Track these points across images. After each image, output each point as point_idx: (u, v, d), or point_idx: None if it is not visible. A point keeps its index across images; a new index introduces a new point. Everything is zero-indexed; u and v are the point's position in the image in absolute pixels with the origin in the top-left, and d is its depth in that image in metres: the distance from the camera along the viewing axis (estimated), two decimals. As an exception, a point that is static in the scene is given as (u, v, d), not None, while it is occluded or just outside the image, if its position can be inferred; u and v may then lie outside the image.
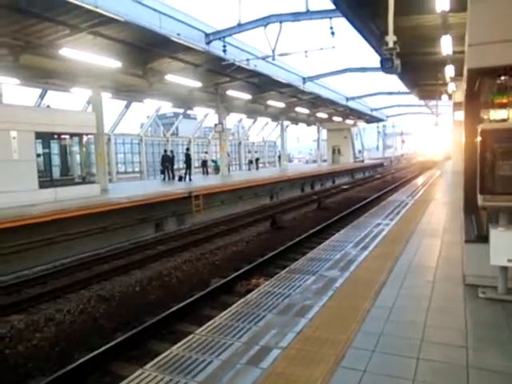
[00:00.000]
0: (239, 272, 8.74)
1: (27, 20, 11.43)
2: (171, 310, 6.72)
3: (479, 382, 2.67)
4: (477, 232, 4.65)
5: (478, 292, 4.17)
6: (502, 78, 4.11)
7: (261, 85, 21.53)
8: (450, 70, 16.12)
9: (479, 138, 3.89)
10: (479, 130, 3.85)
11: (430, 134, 49.02)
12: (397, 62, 6.23)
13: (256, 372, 2.85)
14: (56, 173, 14.70)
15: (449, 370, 2.81)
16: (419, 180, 20.69)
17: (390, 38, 6.37)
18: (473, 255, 4.44)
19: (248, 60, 16.11)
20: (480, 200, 3.98)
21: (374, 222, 8.59)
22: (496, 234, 3.89)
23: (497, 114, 4.42)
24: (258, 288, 4.76)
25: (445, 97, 25.46)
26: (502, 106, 4.24)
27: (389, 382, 2.71)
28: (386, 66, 6.22)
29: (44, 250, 10.46)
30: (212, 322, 3.81)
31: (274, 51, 14.42)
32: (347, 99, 32.39)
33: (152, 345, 5.75)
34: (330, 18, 12.29)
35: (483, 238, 4.27)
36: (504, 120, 4.17)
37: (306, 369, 2.87)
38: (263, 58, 16.27)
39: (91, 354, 5.26)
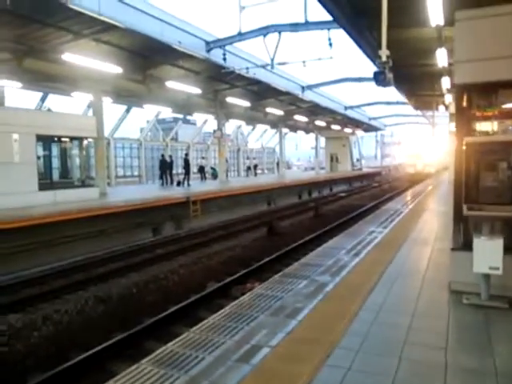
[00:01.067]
0: (235, 276, 8.89)
1: (31, 25, 11.69)
2: (167, 311, 6.87)
3: (455, 380, 2.84)
4: (463, 240, 4.83)
5: (463, 298, 4.33)
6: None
7: (260, 92, 21.81)
8: (446, 82, 16.41)
9: (464, 151, 4.09)
10: (464, 143, 4.05)
11: (426, 144, 42.86)
12: (389, 75, 6.44)
13: (246, 368, 3.01)
14: (56, 175, 14.87)
15: (428, 370, 2.98)
16: (417, 188, 20.91)
17: (384, 52, 6.59)
18: (458, 263, 4.62)
19: (247, 68, 16.38)
20: (465, 209, 4.18)
21: (368, 229, 8.76)
22: (479, 243, 4.07)
23: (482, 127, 4.63)
24: (251, 291, 4.93)
25: (442, 107, 25.80)
26: (487, 119, 4.44)
27: (370, 380, 2.87)
28: (379, 79, 6.44)
29: (42, 251, 10.60)
30: (206, 321, 3.97)
31: (272, 60, 14.69)
32: (346, 108, 32.72)
33: (149, 344, 5.89)
34: (328, 29, 12.56)
35: (468, 246, 4.46)
36: (487, 133, 4.36)
37: (293, 366, 3.03)
38: (262, 67, 16.54)
39: (88, 353, 5.41)
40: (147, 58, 15.01)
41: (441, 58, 13.07)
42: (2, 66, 13.71)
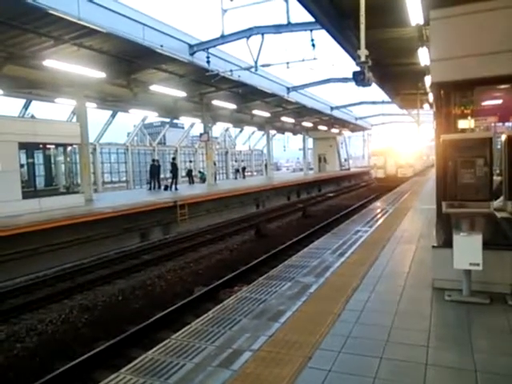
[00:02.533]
0: (222, 280, 8.85)
1: (10, 31, 11.50)
2: (153, 318, 6.81)
3: (435, 377, 2.84)
4: (444, 237, 4.86)
5: (445, 295, 4.35)
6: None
7: (245, 94, 21.80)
8: (429, 80, 16.57)
9: (442, 148, 4.11)
10: (441, 140, 4.07)
11: (404, 139, 31.90)
12: (369, 74, 6.47)
13: (226, 373, 2.98)
14: (40, 183, 14.67)
15: (408, 368, 2.97)
16: (404, 186, 21.04)
17: (362, 52, 6.62)
18: (440, 260, 4.64)
19: (231, 71, 16.35)
20: (444, 207, 4.21)
21: (354, 229, 8.78)
22: (458, 239, 4.10)
23: (460, 125, 4.67)
24: (235, 294, 4.89)
25: (426, 106, 26.06)
26: (464, 116, 4.48)
27: (351, 380, 2.86)
28: (358, 78, 6.46)
29: (27, 260, 10.44)
30: (188, 327, 3.93)
31: (256, 62, 14.69)
32: (332, 108, 32.87)
33: (133, 353, 5.82)
34: (311, 30, 12.60)
35: (450, 244, 4.48)
36: (463, 130, 4.40)
37: (274, 369, 3.01)
38: (247, 69, 16.53)
39: (72, 363, 5.32)
40: (130, 62, 14.91)
41: (423, 56, 13.20)
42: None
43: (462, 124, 4.61)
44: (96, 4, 11.37)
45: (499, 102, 6.03)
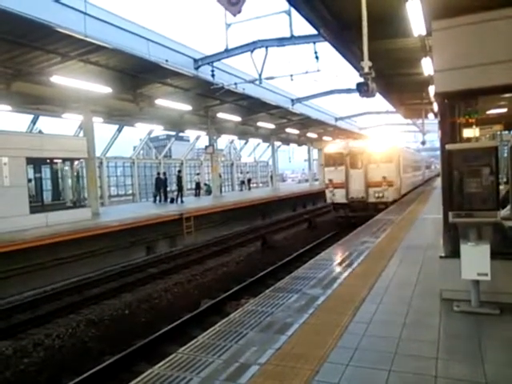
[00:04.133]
0: (229, 293, 8.82)
1: (18, 49, 11.72)
2: (160, 331, 6.78)
3: (445, 390, 2.80)
4: (452, 247, 4.82)
5: (453, 306, 4.31)
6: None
7: (250, 107, 21.94)
8: (433, 90, 16.56)
9: (447, 158, 4.11)
10: (446, 150, 4.07)
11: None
12: (372, 85, 6.50)
13: (233, 388, 2.96)
14: (47, 197, 14.78)
15: (417, 381, 2.94)
16: (410, 196, 20.92)
17: (366, 64, 6.66)
18: (448, 270, 4.60)
19: (236, 84, 16.50)
20: (450, 216, 4.18)
21: (360, 239, 8.74)
22: (466, 249, 4.07)
23: (465, 133, 4.66)
24: (242, 307, 4.87)
25: (431, 115, 26.03)
26: (469, 125, 4.48)
27: (360, 394, 2.82)
28: (362, 90, 6.49)
29: (35, 274, 10.47)
30: (195, 340, 3.91)
31: (260, 75, 14.83)
32: (336, 119, 32.96)
33: (140, 367, 5.78)
34: (314, 42, 12.72)
35: (457, 253, 4.44)
36: (469, 139, 4.39)
37: (282, 383, 2.97)
38: (251, 82, 16.66)
39: (79, 378, 5.30)
40: (136, 77, 15.09)
41: (426, 66, 13.22)
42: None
43: (467, 133, 4.60)
44: (102, 21, 11.59)
45: (504, 110, 6.04)
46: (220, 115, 21.60)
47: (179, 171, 25.92)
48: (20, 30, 10.57)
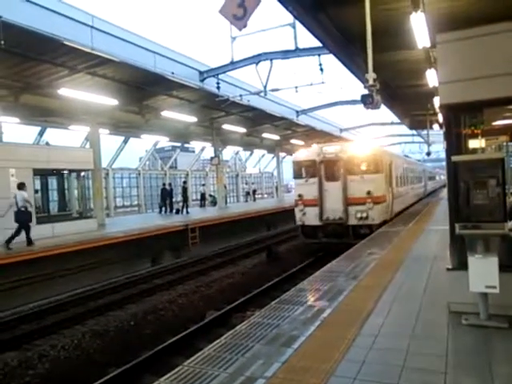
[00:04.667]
0: (234, 304, 8.78)
1: (26, 62, 11.91)
2: (165, 343, 6.75)
3: (454, 406, 2.76)
4: (459, 259, 4.78)
5: (462, 319, 4.26)
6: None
7: (255, 118, 22.06)
8: (438, 102, 16.58)
9: (452, 169, 4.10)
10: (451, 161, 4.07)
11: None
12: (377, 97, 6.54)
13: (240, 401, 2.93)
14: (53, 208, 14.87)
15: (426, 396, 2.90)
16: (417, 207, 20.82)
17: (370, 76, 6.71)
18: (455, 282, 4.56)
19: (241, 96, 16.63)
20: (457, 228, 4.16)
21: (367, 251, 8.69)
22: (474, 262, 4.03)
23: (471, 144, 4.66)
24: (247, 319, 4.85)
25: (436, 126, 26.01)
26: (474, 136, 4.47)
27: (368, 409, 2.79)
28: (366, 101, 6.53)
29: (40, 285, 10.49)
30: (201, 353, 3.89)
31: (265, 87, 14.94)
32: (341, 130, 33.04)
33: (146, 379, 5.76)
34: (319, 55, 12.82)
35: (465, 266, 4.41)
36: (474, 150, 4.38)
37: (289, 397, 2.95)
38: (256, 94, 16.79)
39: (83, 390, 5.28)
40: (142, 89, 15.25)
41: (431, 78, 13.27)
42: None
43: (473, 144, 4.60)
44: (109, 34, 11.77)
45: (510, 121, 6.03)
46: (225, 127, 21.73)
47: (184, 182, 26.03)
48: (29, 44, 10.74)
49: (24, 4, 9.99)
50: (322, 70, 13.10)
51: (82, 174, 15.92)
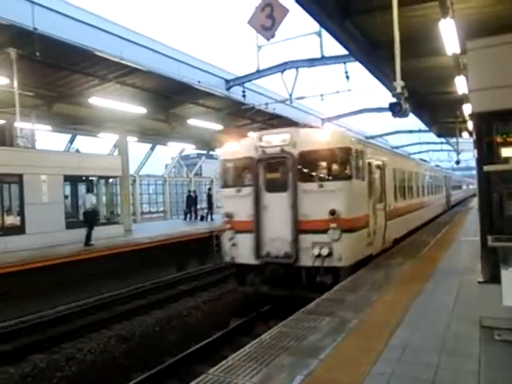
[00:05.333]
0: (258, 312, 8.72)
1: (59, 73, 12.34)
2: (189, 350, 6.77)
3: (487, 425, 2.65)
4: (490, 272, 4.62)
5: (494, 334, 4.11)
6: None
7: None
8: (467, 109, 16.22)
9: (484, 179, 3.99)
10: (484, 171, 3.95)
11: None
12: (405, 105, 6.43)
13: (265, 412, 2.91)
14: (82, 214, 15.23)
15: (458, 413, 2.80)
16: (444, 217, 20.33)
17: (398, 84, 6.61)
18: (488, 296, 4.40)
19: (267, 104, 16.68)
20: (489, 240, 4.03)
21: (395, 261, 8.52)
22: (507, 275, 3.89)
23: (504, 153, 4.51)
24: (272, 328, 4.82)
25: (465, 134, 25.37)
26: (507, 144, 4.33)
27: (396, 425, 2.72)
28: (395, 110, 6.43)
29: (68, 289, 10.73)
30: (225, 361, 3.88)
31: (291, 95, 14.93)
32: (366, 138, 32.64)
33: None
34: (345, 62, 12.74)
35: (497, 279, 4.26)
36: (507, 159, 4.24)
37: (314, 410, 2.91)
38: (281, 102, 16.81)
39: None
40: (169, 97, 15.53)
41: (460, 85, 12.98)
42: (34, 111, 14.41)
43: (506, 152, 4.45)
44: (137, 44, 12.05)
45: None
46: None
47: (209, 189, 26.21)
48: (62, 55, 11.12)
49: (57, 16, 10.32)
50: (347, 77, 13.01)
51: (110, 180, 16.26)
